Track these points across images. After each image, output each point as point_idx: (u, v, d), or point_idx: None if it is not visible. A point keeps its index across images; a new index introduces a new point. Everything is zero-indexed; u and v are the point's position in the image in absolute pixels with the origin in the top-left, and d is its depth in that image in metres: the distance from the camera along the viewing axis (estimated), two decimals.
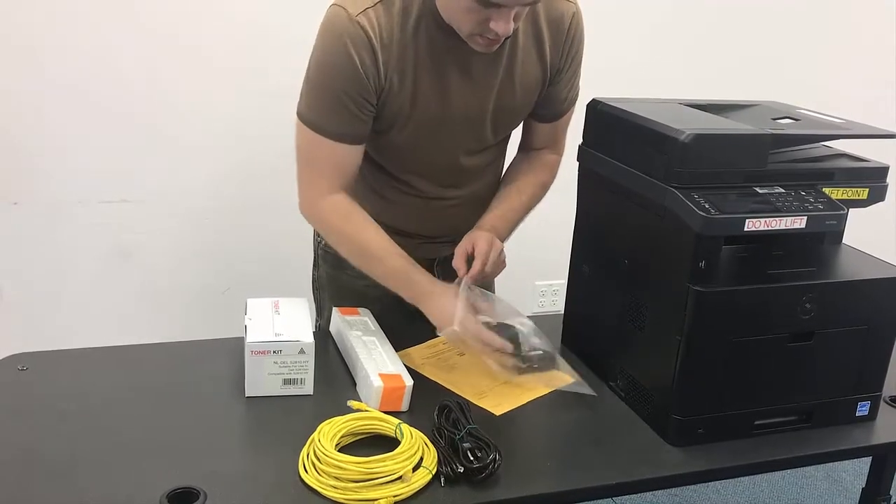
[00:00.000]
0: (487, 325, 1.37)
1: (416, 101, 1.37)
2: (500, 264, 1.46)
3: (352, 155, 1.40)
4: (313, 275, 1.71)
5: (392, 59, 1.32)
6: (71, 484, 1.09)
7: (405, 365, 1.35)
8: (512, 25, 1.25)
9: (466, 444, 1.15)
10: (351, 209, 1.42)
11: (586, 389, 1.36)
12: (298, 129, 1.39)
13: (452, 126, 1.42)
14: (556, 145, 1.60)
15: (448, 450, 1.16)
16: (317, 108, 1.35)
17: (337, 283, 1.63)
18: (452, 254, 1.47)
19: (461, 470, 1.12)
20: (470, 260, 1.42)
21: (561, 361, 1.40)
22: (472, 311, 1.37)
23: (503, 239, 1.50)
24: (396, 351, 1.40)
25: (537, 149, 1.59)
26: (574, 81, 1.51)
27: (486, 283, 1.48)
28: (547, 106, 1.51)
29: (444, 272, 1.61)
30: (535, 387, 1.38)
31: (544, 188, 1.59)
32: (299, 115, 1.38)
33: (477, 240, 1.43)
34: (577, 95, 1.54)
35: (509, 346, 1.35)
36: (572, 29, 1.43)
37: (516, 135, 1.59)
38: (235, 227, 2.50)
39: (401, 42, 1.32)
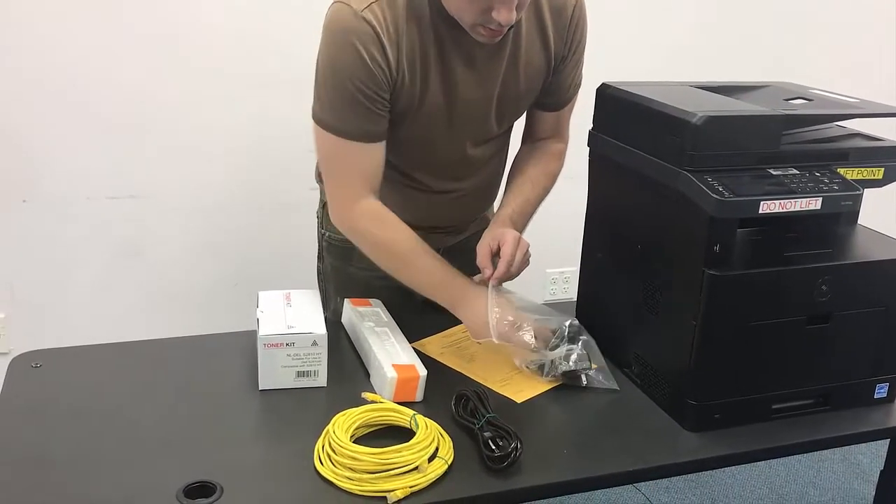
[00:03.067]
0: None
1: (426, 94, 1.36)
2: (524, 263, 1.43)
3: (375, 154, 1.37)
4: (318, 267, 1.70)
5: (401, 54, 1.30)
6: (86, 480, 1.09)
7: (419, 353, 1.35)
8: (514, 14, 1.23)
9: (487, 434, 1.14)
10: (383, 214, 1.40)
11: (611, 383, 1.35)
12: (317, 134, 1.36)
13: (458, 118, 1.41)
14: (561, 134, 1.59)
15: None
16: (332, 109, 1.32)
17: (342, 274, 1.62)
18: (457, 243, 1.46)
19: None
20: (495, 259, 1.40)
21: (594, 353, 1.38)
22: (506, 312, 1.35)
23: (520, 232, 1.49)
24: (411, 341, 1.39)
25: (542, 139, 1.58)
26: (577, 69, 1.50)
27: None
28: (551, 95, 1.50)
29: (450, 261, 1.60)
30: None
31: (554, 178, 1.58)
32: (315, 119, 1.35)
33: (503, 239, 1.40)
34: (580, 83, 1.52)
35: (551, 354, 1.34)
36: (575, 16, 1.42)
37: (519, 127, 1.58)
38: (245, 221, 2.50)
39: (407, 36, 1.30)
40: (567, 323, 1.37)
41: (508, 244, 1.39)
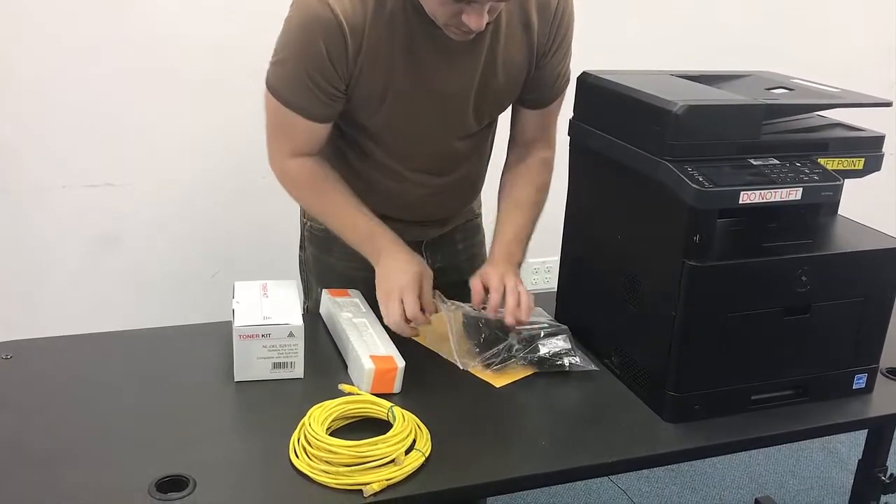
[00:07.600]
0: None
1: (393, 85, 1.34)
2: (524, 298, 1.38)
3: (317, 131, 1.39)
4: (300, 256, 1.68)
5: (364, 44, 1.29)
6: (58, 474, 1.07)
7: (398, 342, 1.33)
8: (485, 19, 1.22)
9: None
10: (319, 169, 1.43)
11: (590, 366, 1.35)
12: (266, 95, 1.37)
13: (434, 111, 1.39)
14: (548, 139, 1.54)
15: None
16: (284, 81, 1.34)
17: (324, 264, 1.60)
18: (439, 236, 1.45)
19: None
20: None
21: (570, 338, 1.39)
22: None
23: (521, 260, 1.47)
24: None
25: (528, 143, 1.54)
26: (563, 65, 1.46)
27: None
28: (535, 91, 1.46)
29: (433, 254, 1.59)
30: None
31: (545, 190, 1.54)
32: (267, 82, 1.36)
33: (489, 282, 1.39)
34: (567, 81, 1.48)
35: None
36: (560, 9, 1.39)
37: (506, 134, 1.55)
38: (223, 210, 2.47)
39: (375, 26, 1.28)
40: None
41: (494, 279, 1.38)
